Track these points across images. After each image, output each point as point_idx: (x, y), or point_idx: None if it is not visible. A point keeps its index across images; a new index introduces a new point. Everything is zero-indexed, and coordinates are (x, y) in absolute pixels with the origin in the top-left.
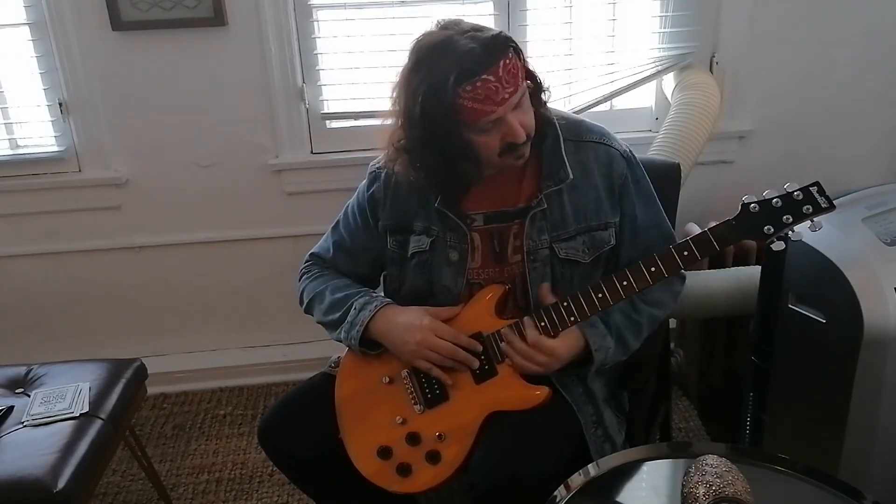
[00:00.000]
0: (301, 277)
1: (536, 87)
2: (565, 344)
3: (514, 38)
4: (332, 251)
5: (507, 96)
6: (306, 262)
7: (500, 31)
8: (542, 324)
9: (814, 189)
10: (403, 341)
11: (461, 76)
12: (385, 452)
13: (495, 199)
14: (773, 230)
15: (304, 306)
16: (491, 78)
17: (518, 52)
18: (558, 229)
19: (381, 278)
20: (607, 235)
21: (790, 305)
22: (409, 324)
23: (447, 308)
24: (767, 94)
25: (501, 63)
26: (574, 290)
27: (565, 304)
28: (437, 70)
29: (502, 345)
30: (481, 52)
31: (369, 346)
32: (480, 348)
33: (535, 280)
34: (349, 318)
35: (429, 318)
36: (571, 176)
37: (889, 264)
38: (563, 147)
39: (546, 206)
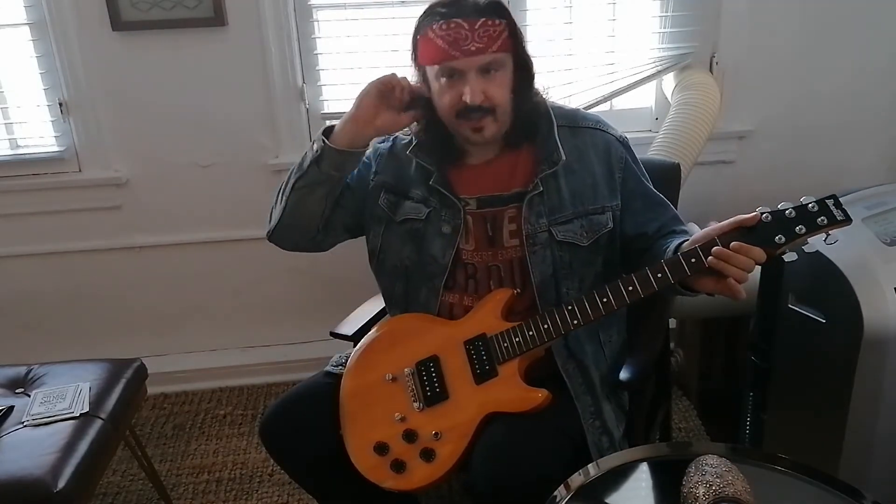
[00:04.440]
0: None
1: (526, 74)
2: None
3: (512, 19)
4: None
5: (473, 49)
6: None
7: (504, 4)
8: (545, 326)
9: (829, 201)
10: (360, 97)
11: (442, 14)
12: (382, 448)
13: (488, 184)
14: (784, 240)
15: (272, 209)
16: (464, 25)
17: (512, 28)
18: (555, 213)
19: (366, 238)
20: (605, 219)
21: (790, 305)
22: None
23: None
24: (767, 94)
25: (483, 20)
26: (573, 274)
27: (570, 307)
28: (431, 8)
29: (710, 261)
30: (470, 4)
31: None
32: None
33: (535, 264)
34: (308, 156)
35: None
36: (564, 157)
37: (889, 264)
38: (556, 132)
39: (543, 189)
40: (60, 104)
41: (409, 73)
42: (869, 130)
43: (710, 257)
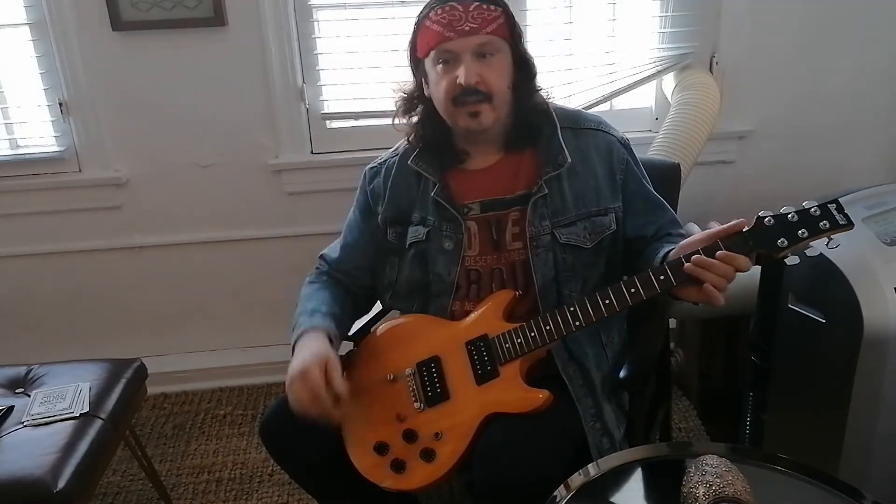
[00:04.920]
0: (305, 283)
1: (525, 70)
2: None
3: (509, 11)
4: (338, 250)
5: (467, 29)
6: (316, 267)
7: None
8: (548, 327)
9: (832, 206)
10: (292, 367)
11: (436, 2)
12: (382, 448)
13: (491, 187)
14: (787, 243)
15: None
16: (459, 7)
17: (509, 19)
18: (559, 215)
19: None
20: (608, 221)
21: (790, 305)
22: (302, 359)
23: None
24: (767, 94)
25: (476, 3)
26: (576, 276)
27: (571, 309)
28: (428, 3)
29: (687, 267)
30: None
31: None
32: (344, 394)
33: (538, 266)
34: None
35: (321, 362)
36: (570, 160)
37: (889, 264)
38: (560, 133)
39: (547, 191)
40: (60, 104)
41: (407, 76)
42: (869, 130)
43: (687, 264)
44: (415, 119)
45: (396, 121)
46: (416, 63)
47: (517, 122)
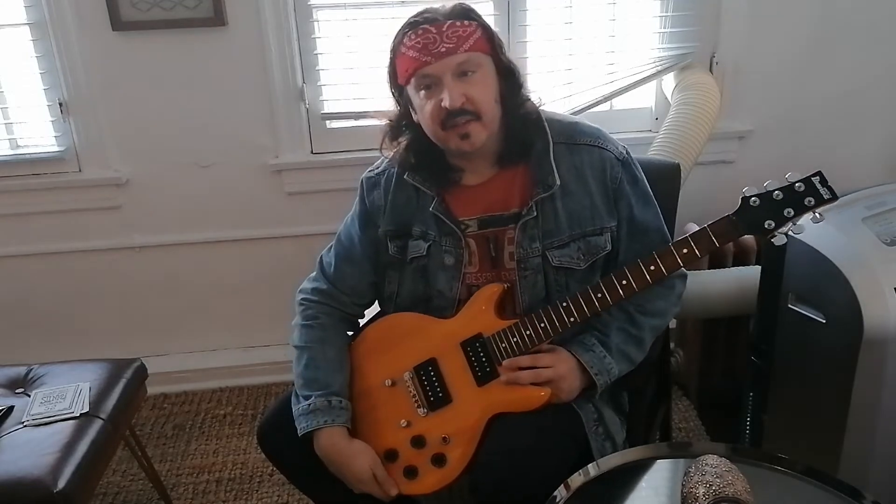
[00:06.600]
0: (299, 305)
1: (511, 81)
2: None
3: (485, 22)
4: (333, 264)
5: (444, 50)
6: (312, 287)
7: (467, 6)
8: (542, 325)
9: (816, 179)
10: (351, 468)
11: (408, 27)
12: (392, 455)
13: (487, 204)
14: (774, 225)
15: (292, 345)
16: (432, 29)
17: (487, 32)
18: (551, 237)
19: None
20: (603, 241)
21: (790, 305)
22: (358, 463)
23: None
24: (767, 94)
25: (449, 22)
26: (569, 295)
27: (564, 304)
28: (400, 29)
29: (504, 365)
30: (433, 11)
31: None
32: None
33: (526, 288)
34: (301, 408)
35: (374, 461)
36: (559, 182)
37: (889, 264)
38: (552, 152)
39: (537, 213)
40: (60, 104)
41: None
42: (869, 130)
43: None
44: (402, 144)
45: (384, 149)
46: (399, 90)
47: (508, 134)
